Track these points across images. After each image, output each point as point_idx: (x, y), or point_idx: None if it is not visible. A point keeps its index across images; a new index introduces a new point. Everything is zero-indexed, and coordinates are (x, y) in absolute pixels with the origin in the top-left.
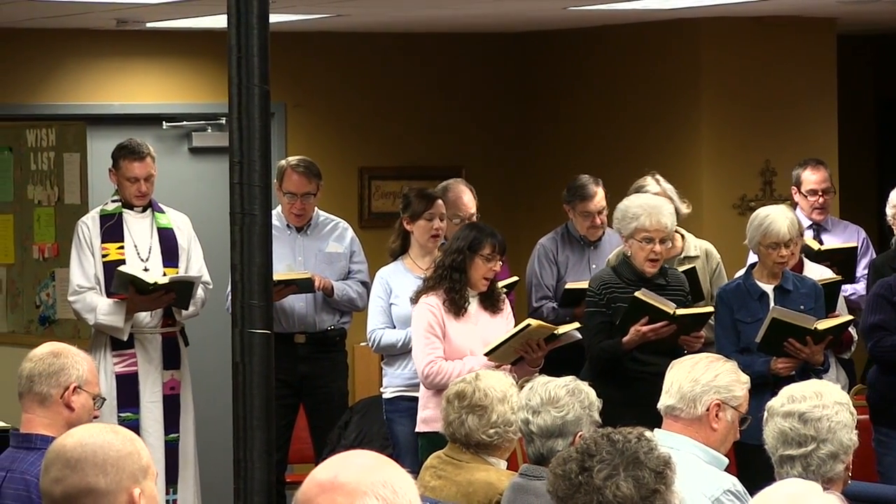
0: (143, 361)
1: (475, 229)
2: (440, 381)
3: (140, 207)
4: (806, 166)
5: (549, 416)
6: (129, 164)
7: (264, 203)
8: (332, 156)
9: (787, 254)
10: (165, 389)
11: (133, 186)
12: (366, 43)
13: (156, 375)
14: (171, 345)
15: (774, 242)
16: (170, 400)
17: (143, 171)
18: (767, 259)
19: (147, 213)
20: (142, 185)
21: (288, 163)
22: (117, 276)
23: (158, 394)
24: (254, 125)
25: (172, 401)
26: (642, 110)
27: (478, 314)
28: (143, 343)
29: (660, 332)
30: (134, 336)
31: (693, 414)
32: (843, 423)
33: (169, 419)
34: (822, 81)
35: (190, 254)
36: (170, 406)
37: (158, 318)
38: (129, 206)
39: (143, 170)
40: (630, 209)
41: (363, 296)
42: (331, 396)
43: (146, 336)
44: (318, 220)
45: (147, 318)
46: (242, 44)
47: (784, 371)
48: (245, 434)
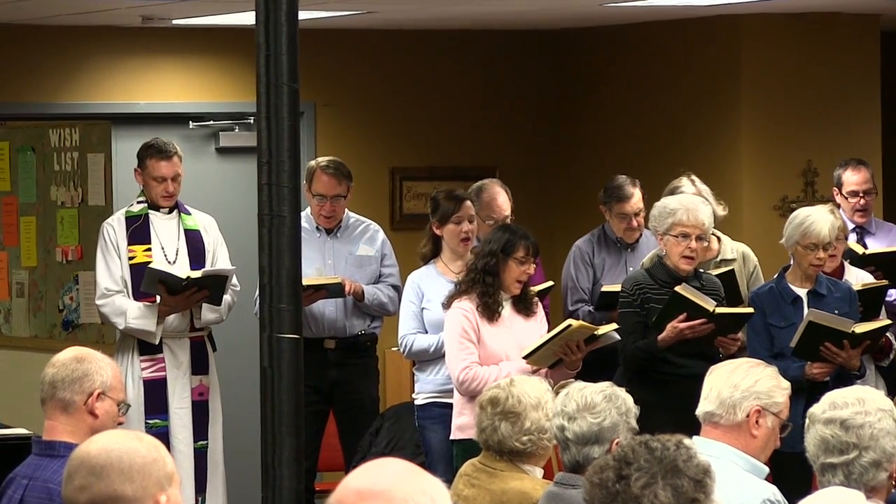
0: (172, 366)
1: (508, 231)
2: (476, 387)
3: (166, 209)
4: (847, 167)
5: (584, 423)
6: (155, 164)
7: (293, 204)
8: (363, 156)
9: (825, 257)
10: (194, 395)
11: (160, 186)
12: (397, 40)
13: (184, 381)
14: (199, 349)
15: (813, 243)
16: (198, 406)
17: (171, 170)
18: (803, 260)
19: (174, 214)
20: (168, 185)
21: (317, 163)
22: (148, 275)
23: (187, 399)
24: (282, 125)
25: (201, 407)
26: (681, 109)
27: (512, 318)
28: (172, 347)
29: (697, 330)
30: (162, 340)
31: (733, 420)
32: (887, 431)
33: (198, 426)
34: (865, 79)
35: (216, 256)
36: (198, 412)
37: (187, 321)
38: (156, 208)
39: (170, 169)
40: (668, 205)
41: (394, 300)
42: (361, 403)
43: (175, 340)
44: (348, 222)
45: (175, 322)
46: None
47: (819, 376)
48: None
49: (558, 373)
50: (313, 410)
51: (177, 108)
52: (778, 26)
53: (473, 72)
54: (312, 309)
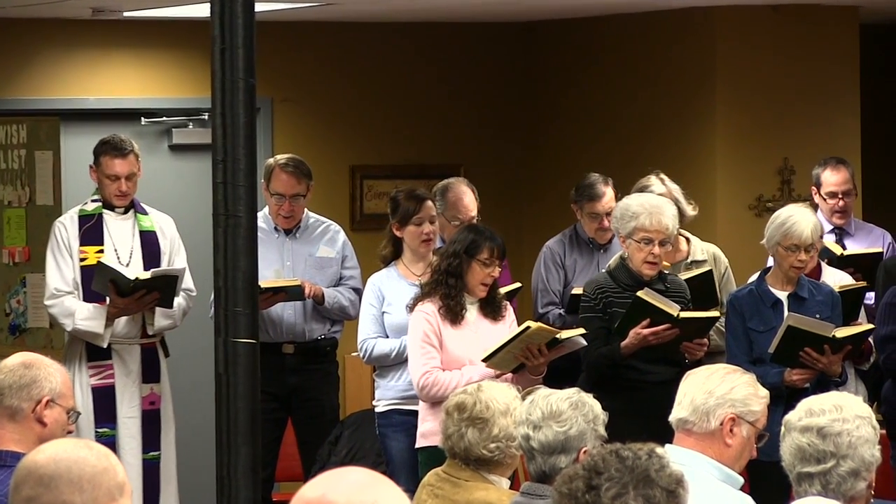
0: (121, 374)
1: (473, 232)
2: (437, 393)
3: (121, 208)
4: (826, 166)
5: (550, 431)
6: (110, 161)
7: (250, 204)
8: (323, 154)
9: (807, 259)
10: (145, 404)
11: (114, 185)
12: (358, 33)
13: (133, 389)
14: (150, 356)
15: (794, 245)
16: (149, 415)
17: (126, 168)
18: (784, 262)
19: (129, 214)
20: (122, 183)
21: (276, 161)
22: (98, 271)
23: (137, 408)
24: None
25: (152, 416)
26: (653, 105)
27: (477, 322)
28: (121, 354)
29: (661, 336)
30: (111, 346)
31: (706, 428)
32: (865, 438)
33: (148, 436)
34: (844, 74)
35: (172, 258)
36: (149, 422)
37: (139, 327)
38: (110, 207)
39: (126, 167)
40: (630, 208)
41: (356, 303)
42: (321, 410)
43: (124, 346)
44: (307, 222)
45: (126, 328)
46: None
47: (799, 383)
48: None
49: (523, 378)
50: (271, 418)
51: (128, 103)
52: (754, 18)
53: (438, 66)
54: (270, 312)
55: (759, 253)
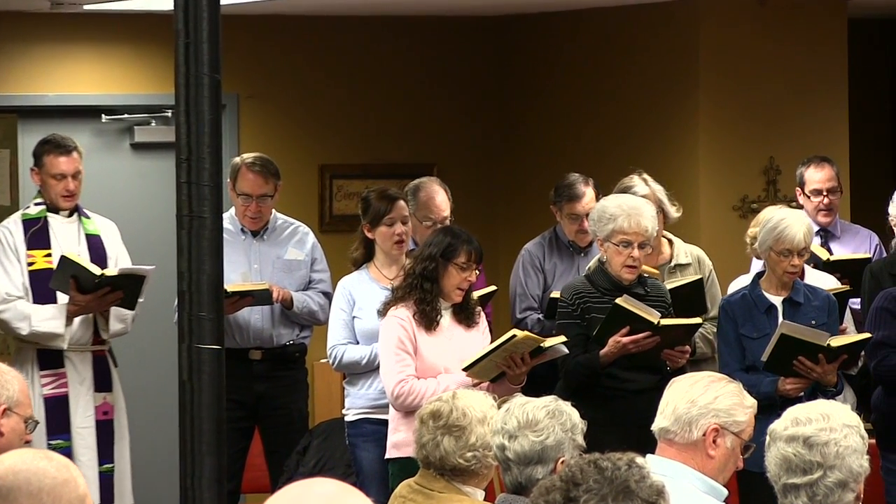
0: (75, 382)
1: (449, 234)
2: (412, 402)
3: (66, 211)
4: (810, 164)
5: (526, 441)
6: (54, 160)
7: (215, 205)
8: (290, 152)
9: (800, 263)
10: (98, 414)
11: (59, 185)
12: (327, 27)
13: (87, 398)
14: (101, 364)
15: (787, 249)
16: (103, 426)
17: (71, 166)
18: (777, 267)
19: (74, 218)
20: (69, 182)
21: (242, 160)
22: (60, 266)
23: (91, 418)
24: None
25: (106, 427)
26: (634, 102)
27: (451, 328)
28: (74, 362)
29: (641, 344)
30: (64, 354)
31: (688, 439)
32: (853, 448)
33: (102, 447)
34: (831, 70)
35: (118, 263)
36: (103, 432)
37: (90, 333)
38: (55, 210)
39: (71, 165)
40: (607, 209)
41: (325, 308)
42: (289, 418)
43: (77, 354)
44: (275, 223)
45: (79, 332)
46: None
47: (793, 392)
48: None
49: (501, 387)
50: (237, 427)
51: (88, 100)
52: (739, 12)
53: (411, 61)
54: (237, 317)
55: (744, 255)
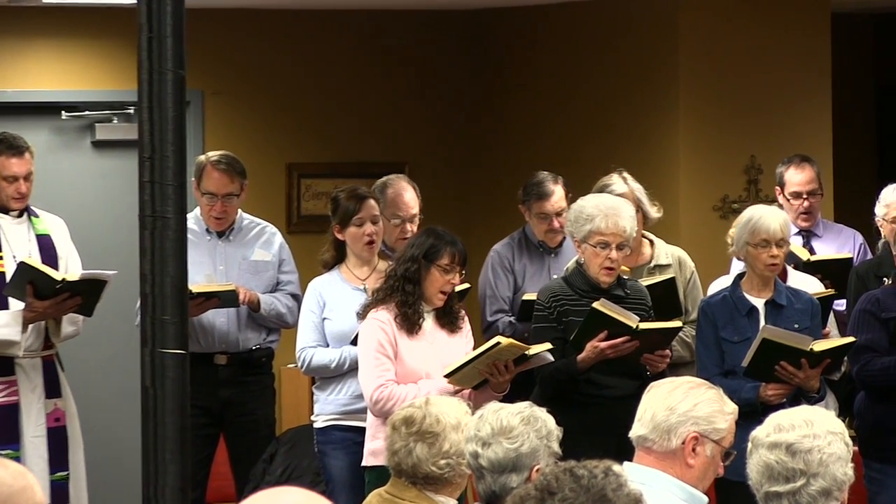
0: (26, 390)
1: (433, 236)
2: (391, 408)
3: (16, 212)
4: (790, 164)
5: (500, 449)
6: (6, 161)
7: (179, 204)
8: (257, 150)
9: (779, 254)
10: (50, 421)
11: (11, 187)
12: (295, 21)
13: (39, 405)
14: (51, 370)
15: (764, 240)
16: (55, 433)
17: (23, 168)
18: (757, 261)
19: (23, 217)
20: (21, 184)
21: (207, 159)
22: (19, 272)
23: (43, 427)
24: (167, 115)
25: (58, 434)
26: (611, 98)
27: (434, 332)
28: (26, 368)
29: (620, 349)
30: (14, 360)
31: (667, 447)
32: (837, 456)
33: (55, 455)
34: (815, 66)
35: (68, 263)
36: (55, 440)
37: (42, 338)
38: (3, 210)
39: (23, 167)
40: (585, 209)
41: (293, 311)
42: (256, 425)
43: (28, 359)
44: (241, 224)
45: (30, 338)
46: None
47: (775, 399)
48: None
49: (484, 395)
50: (201, 434)
51: (48, 96)
52: (719, 4)
53: (381, 57)
54: (202, 320)
55: (725, 257)
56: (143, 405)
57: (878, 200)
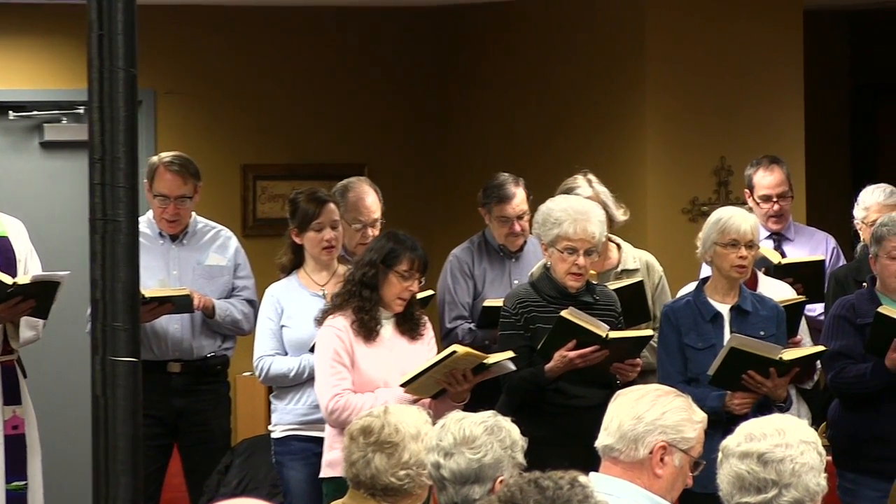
0: None
1: (392, 240)
2: (347, 418)
3: None
4: (759, 167)
5: (463, 459)
6: None
7: (131, 207)
8: (212, 152)
9: (749, 256)
10: (7, 429)
11: None
12: (251, 18)
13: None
14: (10, 375)
15: (733, 239)
16: (12, 441)
17: None
18: (724, 262)
19: None
20: None
21: (160, 160)
22: None
23: (0, 434)
24: (118, 115)
25: (15, 442)
26: (576, 97)
27: (393, 340)
28: None
29: (589, 359)
30: None
31: (634, 457)
32: (810, 466)
33: (12, 464)
34: (787, 64)
35: (27, 266)
36: (13, 448)
37: (0, 342)
38: None
39: None
40: (552, 213)
41: (250, 317)
42: (211, 435)
43: None
44: (195, 227)
45: None
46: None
47: (741, 408)
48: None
49: (443, 404)
50: (154, 445)
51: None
52: (688, 3)
53: (339, 55)
54: (155, 326)
55: (694, 261)
56: (94, 415)
57: (856, 203)
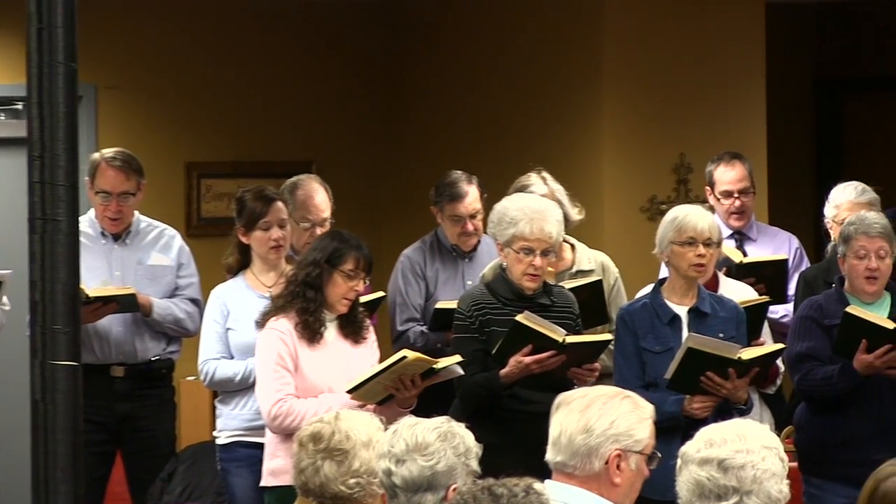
0: None
1: (336, 239)
2: (290, 424)
3: None
4: (719, 162)
5: (415, 466)
6: None
7: (71, 206)
8: (154, 149)
9: (707, 254)
10: None
11: None
12: (194, 11)
13: None
14: None
15: (690, 237)
16: None
17: None
18: (682, 261)
19: None
20: None
21: (102, 156)
22: None
23: None
24: (58, 111)
25: None
26: (530, 91)
27: (337, 343)
28: None
29: (546, 364)
30: None
31: (589, 471)
32: (772, 472)
33: None
34: (748, 58)
35: None
36: None
37: None
38: None
39: None
40: (508, 212)
41: (194, 317)
42: (155, 442)
43: None
44: (138, 226)
45: None
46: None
47: (701, 412)
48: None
49: (389, 410)
50: (96, 451)
51: None
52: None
53: (286, 49)
54: (97, 328)
55: (653, 262)
56: (34, 421)
57: (827, 201)
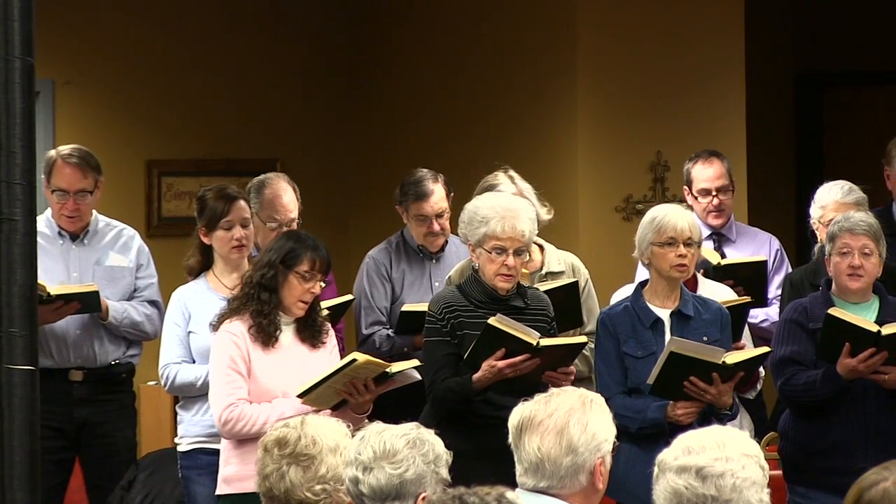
0: None
1: (292, 239)
2: (242, 430)
3: None
4: (697, 160)
5: (383, 474)
6: None
7: (28, 205)
8: (114, 146)
9: (688, 254)
10: None
11: None
12: (156, 5)
13: None
14: None
15: (671, 237)
16: None
17: None
18: (663, 262)
19: None
20: None
21: (58, 153)
22: None
23: None
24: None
25: None
26: (502, 87)
27: (293, 346)
28: None
29: (520, 368)
30: None
31: (576, 488)
32: (752, 481)
33: None
34: (727, 54)
35: None
36: None
37: None
38: None
39: None
40: (479, 211)
41: (153, 319)
42: (115, 449)
43: None
44: (97, 226)
45: None
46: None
47: (684, 418)
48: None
49: (344, 416)
50: (54, 459)
51: None
52: None
53: (249, 43)
54: (55, 330)
55: (628, 264)
56: None
57: (812, 201)
